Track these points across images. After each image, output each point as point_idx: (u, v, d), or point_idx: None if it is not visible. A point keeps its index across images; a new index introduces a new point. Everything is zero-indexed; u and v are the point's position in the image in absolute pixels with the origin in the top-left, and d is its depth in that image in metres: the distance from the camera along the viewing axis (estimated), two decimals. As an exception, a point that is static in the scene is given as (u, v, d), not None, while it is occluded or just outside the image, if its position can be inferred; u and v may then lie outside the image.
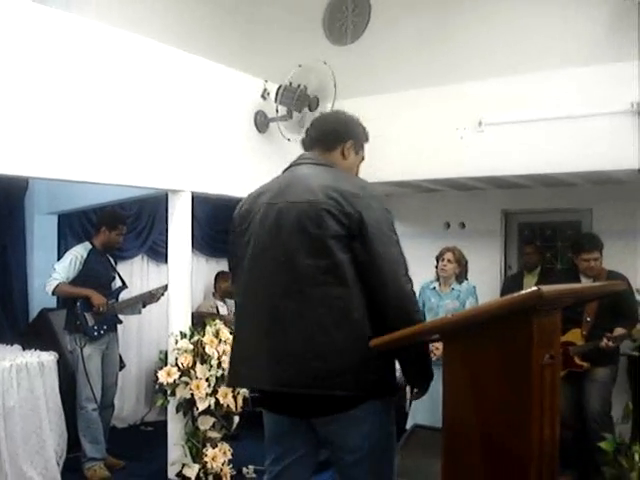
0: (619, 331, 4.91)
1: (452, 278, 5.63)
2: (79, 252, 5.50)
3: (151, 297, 5.77)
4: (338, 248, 2.47)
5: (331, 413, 2.53)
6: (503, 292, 6.52)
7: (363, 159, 2.94)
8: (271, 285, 2.57)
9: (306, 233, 2.51)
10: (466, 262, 5.66)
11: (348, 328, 2.45)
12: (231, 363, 2.80)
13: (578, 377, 5.10)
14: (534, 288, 2.07)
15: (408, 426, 5.47)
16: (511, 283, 6.56)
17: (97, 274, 5.50)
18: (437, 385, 2.56)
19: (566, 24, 5.49)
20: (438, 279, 5.71)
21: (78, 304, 5.33)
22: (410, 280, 2.52)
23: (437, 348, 5.19)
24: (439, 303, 5.62)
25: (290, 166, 2.86)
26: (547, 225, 7.22)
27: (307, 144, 2.90)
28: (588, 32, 5.47)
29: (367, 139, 2.95)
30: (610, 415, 5.05)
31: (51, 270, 5.43)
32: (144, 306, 5.89)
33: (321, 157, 2.80)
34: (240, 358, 2.72)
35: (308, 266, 2.49)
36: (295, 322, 2.49)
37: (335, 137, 2.84)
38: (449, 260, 5.58)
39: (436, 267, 5.68)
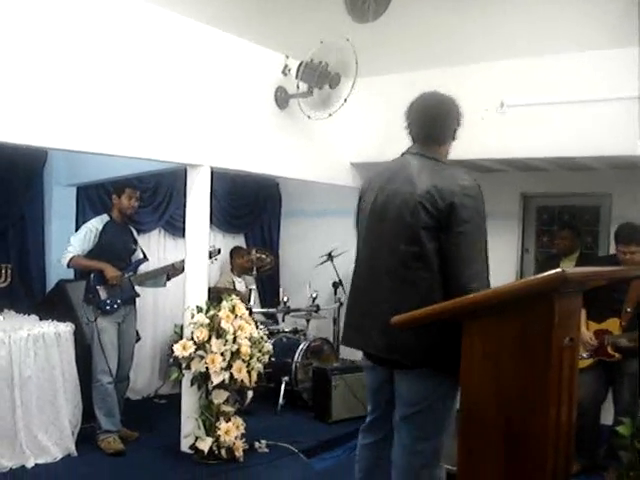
0: None
1: None
2: (94, 225, 5.51)
3: (174, 270, 5.72)
4: (427, 238, 2.78)
5: (403, 368, 2.88)
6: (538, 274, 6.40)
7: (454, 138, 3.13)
8: (377, 262, 2.95)
9: (403, 221, 2.84)
10: None
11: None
12: (345, 325, 3.20)
13: (607, 366, 5.02)
14: (558, 270, 2.06)
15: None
16: (547, 265, 6.46)
17: (113, 246, 5.49)
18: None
19: (591, 6, 5.41)
20: None
21: (92, 277, 5.34)
22: (481, 280, 2.72)
23: None
24: None
25: (404, 153, 3.11)
26: (566, 209, 7.16)
27: (414, 136, 3.09)
28: (612, 14, 5.39)
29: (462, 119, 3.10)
30: (638, 404, 4.97)
31: (67, 243, 5.47)
32: (169, 279, 5.85)
33: (427, 149, 3.02)
34: (350, 322, 3.15)
35: (402, 251, 2.83)
36: (388, 299, 2.86)
37: (442, 138, 3.06)
38: None
39: None
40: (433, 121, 3.03)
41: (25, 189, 6.23)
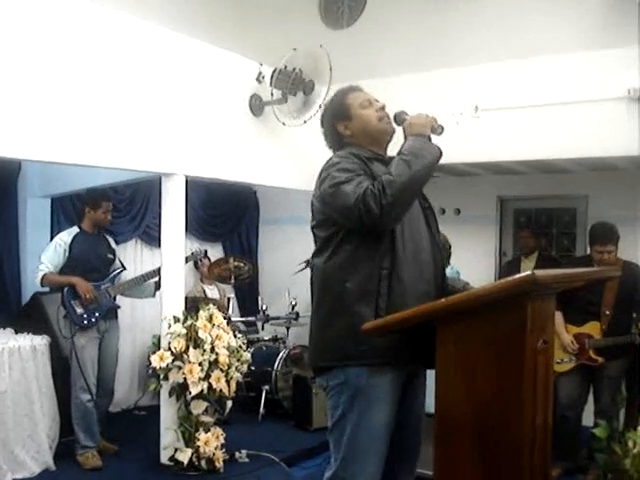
0: None
1: None
2: (62, 239, 5.38)
3: (160, 275, 5.46)
4: None
5: None
6: (501, 278, 6.47)
7: (368, 104, 2.98)
8: None
9: None
10: (450, 246, 5.62)
11: None
12: None
13: (588, 369, 5.00)
14: (528, 272, 2.05)
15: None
16: (509, 268, 6.53)
17: (86, 258, 5.36)
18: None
19: (564, 9, 5.44)
20: None
21: (65, 292, 5.21)
22: None
23: None
24: None
25: None
26: (543, 211, 7.21)
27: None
28: (586, 17, 5.41)
29: (350, 91, 3.00)
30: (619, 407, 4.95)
31: (38, 261, 5.34)
32: (158, 288, 5.62)
33: None
34: None
35: None
36: None
37: (328, 137, 3.03)
38: None
39: None
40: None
41: (-1, 201, 6.18)
